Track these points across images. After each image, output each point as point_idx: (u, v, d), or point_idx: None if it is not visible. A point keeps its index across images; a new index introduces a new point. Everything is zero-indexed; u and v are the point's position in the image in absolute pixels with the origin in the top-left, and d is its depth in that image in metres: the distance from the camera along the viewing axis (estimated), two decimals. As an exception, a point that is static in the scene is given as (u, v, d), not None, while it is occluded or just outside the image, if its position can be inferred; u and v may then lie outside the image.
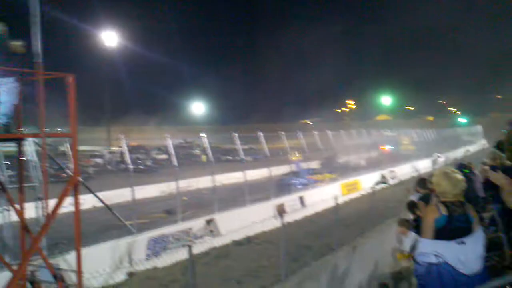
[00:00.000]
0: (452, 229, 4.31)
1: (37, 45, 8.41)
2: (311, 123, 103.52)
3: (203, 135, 22.72)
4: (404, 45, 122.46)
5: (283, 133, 25.88)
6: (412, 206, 7.91)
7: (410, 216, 8.01)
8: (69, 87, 7.86)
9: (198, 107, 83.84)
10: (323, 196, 21.14)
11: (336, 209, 12.54)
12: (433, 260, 4.30)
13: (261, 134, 23.03)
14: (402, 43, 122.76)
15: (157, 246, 13.22)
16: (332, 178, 26.28)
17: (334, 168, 28.89)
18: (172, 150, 19.53)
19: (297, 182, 25.34)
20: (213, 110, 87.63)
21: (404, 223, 8.10)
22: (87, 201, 16.07)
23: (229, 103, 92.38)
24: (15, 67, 7.79)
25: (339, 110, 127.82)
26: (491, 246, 6.99)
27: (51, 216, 7.69)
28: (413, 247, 5.71)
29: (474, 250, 4.34)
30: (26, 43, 8.18)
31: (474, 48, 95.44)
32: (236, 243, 15.45)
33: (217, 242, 15.17)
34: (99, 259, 11.22)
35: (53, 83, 8.36)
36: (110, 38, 47.30)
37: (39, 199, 8.59)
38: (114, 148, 43.79)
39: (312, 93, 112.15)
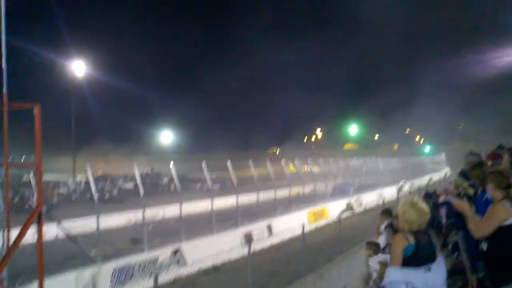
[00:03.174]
0: (419, 256, 4.46)
1: (2, 74, 8.44)
2: (278, 153, 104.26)
3: (170, 164, 22.70)
4: (369, 74, 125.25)
5: (250, 162, 26.08)
6: (387, 213, 8.20)
7: (379, 239, 8.22)
8: (35, 117, 7.86)
9: (166, 136, 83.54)
10: (291, 223, 21.29)
11: (304, 237, 12.71)
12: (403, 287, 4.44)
13: (229, 163, 23.17)
14: (367, 72, 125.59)
15: (122, 276, 13.06)
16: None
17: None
18: (139, 179, 19.46)
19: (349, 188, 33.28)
20: (181, 139, 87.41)
21: (372, 246, 8.27)
22: (50, 231, 15.80)
23: (197, 132, 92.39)
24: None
25: (307, 140, 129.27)
26: (455, 271, 7.26)
27: (13, 246, 7.59)
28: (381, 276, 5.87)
29: (439, 276, 4.50)
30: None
31: (438, 79, 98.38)
32: (203, 272, 15.38)
33: (184, 271, 15.05)
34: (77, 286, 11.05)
35: (18, 111, 8.36)
36: (77, 67, 47.01)
37: (1, 228, 8.47)
38: (79, 178, 43.12)
39: (280, 122, 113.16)
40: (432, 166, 61.22)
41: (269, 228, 20.59)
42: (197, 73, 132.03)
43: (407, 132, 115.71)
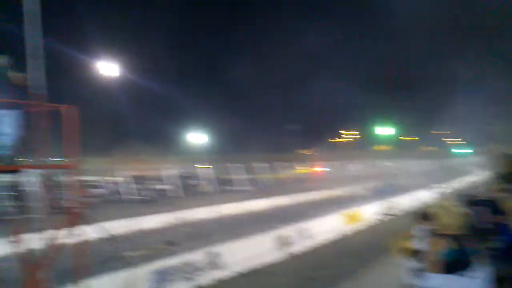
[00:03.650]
0: (456, 262, 4.22)
1: (41, 77, 8.43)
2: (311, 154, 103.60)
3: (206, 165, 22.66)
4: (404, 73, 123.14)
5: (283, 163, 25.87)
6: (422, 216, 7.82)
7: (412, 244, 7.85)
8: (72, 119, 7.81)
9: (198, 137, 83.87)
10: (326, 226, 20.97)
11: (340, 240, 12.40)
12: None
13: (261, 164, 22.99)
14: (402, 73, 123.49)
15: (159, 279, 12.95)
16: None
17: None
18: (173, 181, 19.42)
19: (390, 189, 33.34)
20: (214, 140, 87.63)
21: (403, 251, 7.91)
22: (87, 232, 15.88)
23: (230, 133, 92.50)
24: (16, 99, 7.77)
25: (338, 140, 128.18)
26: (499, 279, 6.82)
27: (53, 248, 7.55)
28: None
29: (478, 284, 4.24)
30: (27, 75, 8.21)
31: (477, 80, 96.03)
32: (239, 275, 15.19)
33: (220, 274, 14.88)
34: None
35: (54, 113, 8.33)
36: (110, 68, 47.67)
37: (40, 230, 8.45)
38: (114, 179, 43.62)
39: (313, 122, 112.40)
40: (468, 168, 59.82)
41: (304, 231, 20.24)
42: (229, 74, 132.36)
43: (442, 133, 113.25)
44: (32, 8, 8.43)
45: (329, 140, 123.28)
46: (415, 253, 7.70)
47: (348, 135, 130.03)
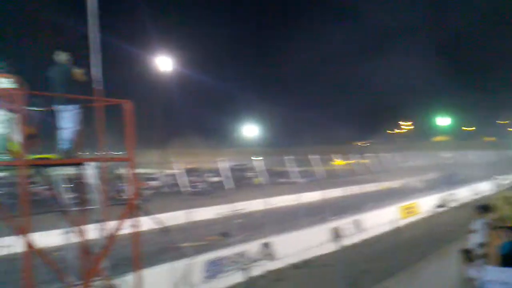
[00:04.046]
0: None
1: (98, 72, 8.68)
2: (365, 145, 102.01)
3: (257, 157, 22.74)
4: (464, 65, 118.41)
5: (337, 155, 25.59)
6: (482, 209, 7.56)
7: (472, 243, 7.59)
8: (127, 113, 8.00)
9: (252, 130, 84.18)
10: (381, 219, 20.61)
11: (395, 233, 12.14)
12: None
13: (314, 156, 22.82)
14: (462, 63, 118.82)
15: (214, 269, 13.15)
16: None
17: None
18: (226, 173, 19.60)
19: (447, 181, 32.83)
20: (266, 132, 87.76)
21: (465, 254, 7.67)
22: (143, 223, 16.28)
23: (282, 125, 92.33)
24: (77, 94, 8.03)
25: (394, 131, 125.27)
26: None
27: (112, 238, 7.79)
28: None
29: None
30: (87, 70, 8.47)
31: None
32: (293, 267, 15.21)
33: (273, 265, 14.95)
34: (158, 281, 11.27)
35: (111, 107, 8.56)
36: (166, 63, 48.59)
37: (99, 221, 8.73)
38: (169, 171, 44.49)
39: (368, 113, 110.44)
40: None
41: (359, 223, 19.99)
42: (281, 67, 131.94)
43: (506, 123, 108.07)
44: (92, 4, 8.67)
45: (387, 131, 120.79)
46: (473, 254, 7.48)
47: (406, 126, 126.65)
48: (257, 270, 13.99)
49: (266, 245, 15.11)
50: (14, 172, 8.17)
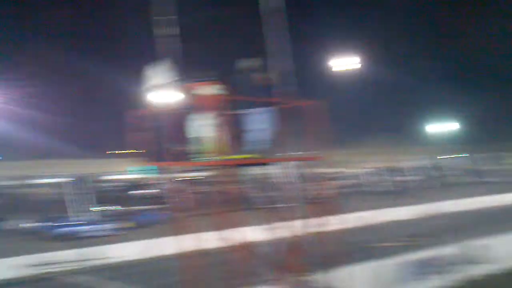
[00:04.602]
0: None
1: (291, 76, 9.05)
2: None
3: (453, 155, 21.47)
4: None
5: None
6: None
7: None
8: (321, 113, 8.19)
9: (444, 127, 79.11)
10: None
11: None
12: None
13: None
14: None
15: (408, 272, 12.68)
16: None
17: None
18: (418, 172, 18.88)
19: None
20: (462, 129, 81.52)
21: None
22: (336, 222, 16.39)
23: (480, 121, 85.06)
24: (267, 97, 8.45)
25: None
26: None
27: (318, 235, 8.12)
28: None
29: None
30: (278, 74, 8.88)
31: None
32: (501, 273, 13.87)
33: (476, 270, 13.83)
34: (363, 279, 11.26)
35: (301, 108, 8.84)
36: (352, 62, 48.57)
37: (293, 219, 9.06)
38: (358, 170, 44.31)
39: None
40: None
41: None
42: (478, 56, 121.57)
43: None
44: (275, 8, 9.10)
45: None
46: None
47: None
48: (457, 275, 13.11)
49: (467, 248, 14.09)
50: (214, 171, 8.87)
